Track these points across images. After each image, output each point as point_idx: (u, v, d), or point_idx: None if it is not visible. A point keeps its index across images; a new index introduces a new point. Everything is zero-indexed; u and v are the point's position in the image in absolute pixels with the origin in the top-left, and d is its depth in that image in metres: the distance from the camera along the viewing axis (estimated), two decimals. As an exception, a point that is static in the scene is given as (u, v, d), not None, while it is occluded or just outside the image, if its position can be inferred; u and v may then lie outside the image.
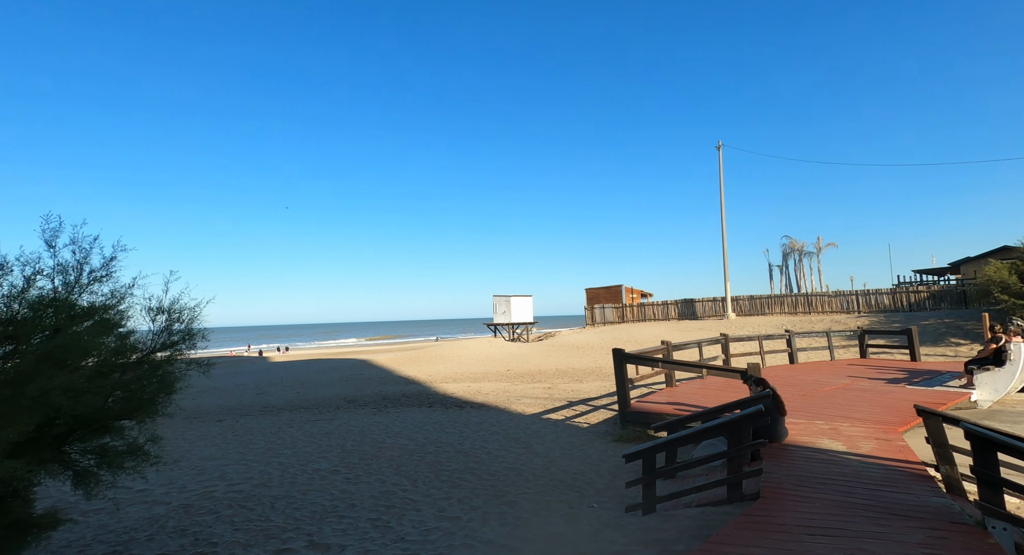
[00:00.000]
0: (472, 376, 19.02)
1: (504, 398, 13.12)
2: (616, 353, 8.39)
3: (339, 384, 17.19)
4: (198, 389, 17.05)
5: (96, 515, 5.12)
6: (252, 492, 5.72)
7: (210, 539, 4.39)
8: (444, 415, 10.64)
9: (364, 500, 5.38)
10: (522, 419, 9.95)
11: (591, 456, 7.02)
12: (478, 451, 7.35)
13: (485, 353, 25.62)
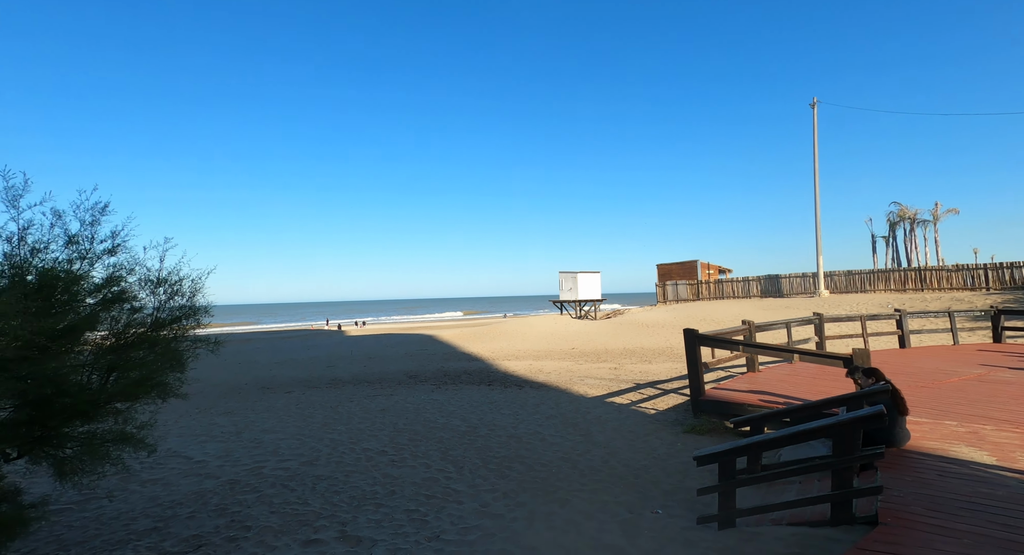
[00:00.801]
0: (535, 354, 18.59)
1: (566, 378, 12.52)
2: (688, 334, 7.44)
3: (404, 359, 17.45)
4: (274, 361, 18.08)
5: (152, 486, 5.20)
6: (298, 470, 5.60)
7: (245, 521, 4.23)
8: (502, 395, 10.25)
9: (405, 487, 5.04)
10: (583, 402, 9.31)
11: (657, 449, 6.25)
12: (531, 437, 6.83)
13: (550, 330, 25.10)
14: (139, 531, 4.09)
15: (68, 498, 4.87)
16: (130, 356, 3.01)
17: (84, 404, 2.42)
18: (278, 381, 13.36)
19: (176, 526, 4.18)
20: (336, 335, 32.34)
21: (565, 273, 42.07)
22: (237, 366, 16.87)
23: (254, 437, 7.11)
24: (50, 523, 4.31)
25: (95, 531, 4.12)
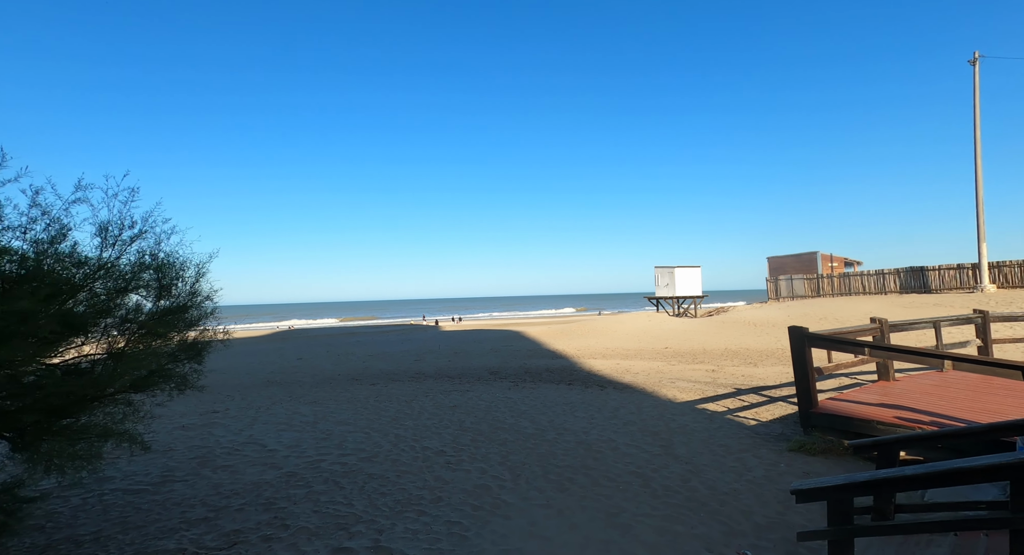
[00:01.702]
0: (623, 353, 17.51)
1: (655, 379, 11.46)
2: (795, 332, 6.20)
3: (488, 355, 17.38)
4: (369, 353, 19.01)
5: (221, 473, 5.37)
6: (355, 466, 5.48)
7: (286, 520, 4.10)
8: (580, 395, 9.57)
9: (454, 494, 4.65)
10: (670, 407, 8.32)
11: (753, 469, 5.22)
12: (602, 445, 6.11)
13: (643, 328, 23.68)
14: (191, 520, 4.15)
15: (148, 479, 5.19)
16: (138, 347, 2.93)
17: (86, 395, 2.34)
18: (367, 373, 13.91)
19: (224, 518, 4.17)
20: (431, 330, 33.60)
21: (661, 268, 39.74)
22: (337, 358, 18.00)
23: (327, 428, 7.23)
24: (124, 503, 4.56)
25: (156, 516, 4.25)
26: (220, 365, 17.42)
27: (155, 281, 3.11)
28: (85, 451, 2.54)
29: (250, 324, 59.63)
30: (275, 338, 29.44)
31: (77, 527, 4.07)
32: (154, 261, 3.11)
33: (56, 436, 2.33)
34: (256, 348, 23.22)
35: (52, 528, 4.05)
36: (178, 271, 3.17)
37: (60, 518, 4.25)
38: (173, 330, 3.15)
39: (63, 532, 3.96)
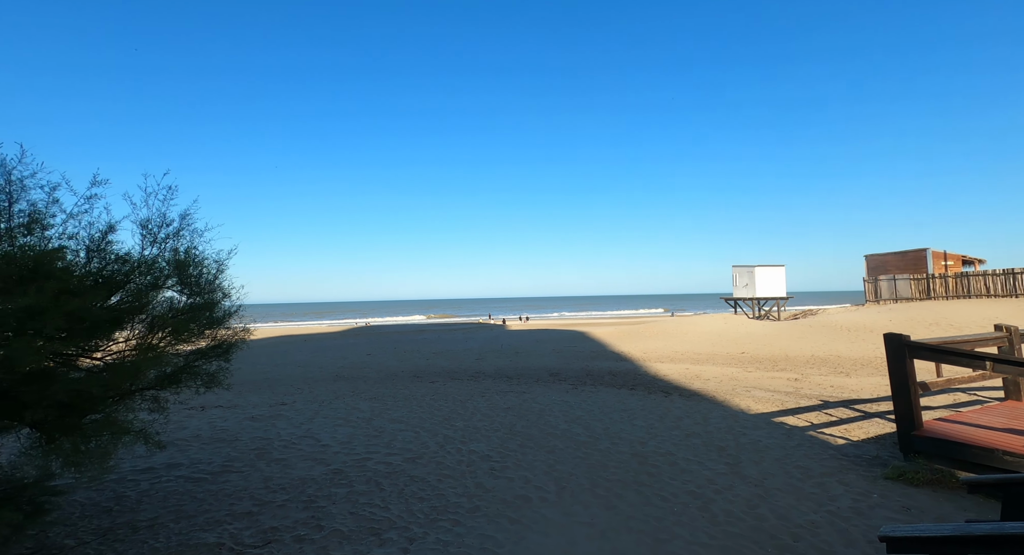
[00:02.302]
0: (694, 357, 16.45)
1: (727, 387, 10.57)
2: (892, 340, 5.31)
3: (550, 355, 17.06)
4: (432, 351, 19.36)
5: (274, 466, 5.52)
6: (398, 466, 5.43)
7: (321, 520, 4.08)
8: (641, 402, 9.00)
9: (492, 504, 4.42)
10: (741, 419, 7.55)
11: (838, 498, 4.50)
12: (660, 458, 5.60)
13: (717, 331, 22.19)
14: (237, 513, 4.25)
15: (210, 468, 5.44)
16: (162, 344, 2.97)
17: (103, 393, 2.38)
18: (428, 371, 14.12)
19: (266, 514, 4.23)
20: (497, 329, 33.82)
21: (739, 267, 37.21)
22: (402, 355, 18.52)
23: (380, 425, 7.30)
24: (184, 491, 4.79)
25: (208, 506, 4.41)
26: (299, 358, 18.56)
27: (190, 278, 3.17)
28: (98, 448, 2.60)
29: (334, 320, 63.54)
30: (350, 334, 31.03)
31: (139, 512, 4.31)
32: (188, 258, 3.17)
33: (71, 432, 2.40)
34: (332, 343, 24.55)
35: (118, 511, 4.32)
36: (208, 269, 3.21)
37: (127, 502, 4.53)
38: (204, 328, 3.19)
39: (125, 516, 4.20)
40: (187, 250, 3.21)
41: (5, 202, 2.29)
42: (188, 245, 3.22)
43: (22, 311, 1.93)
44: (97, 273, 2.91)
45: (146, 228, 3.14)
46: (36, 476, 2.50)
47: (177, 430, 7.14)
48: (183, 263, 3.20)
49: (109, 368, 2.54)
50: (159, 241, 3.18)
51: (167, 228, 3.17)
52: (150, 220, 3.14)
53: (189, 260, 3.22)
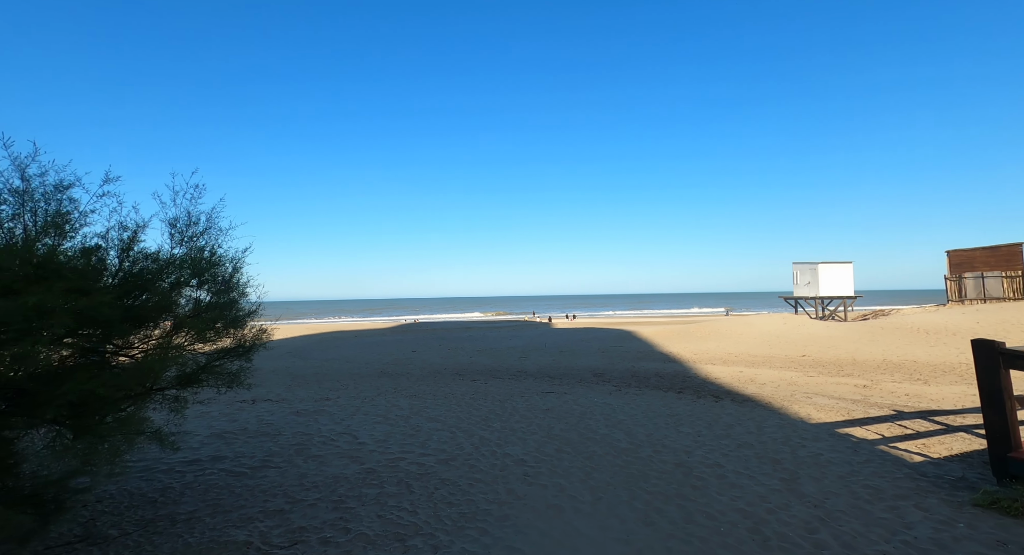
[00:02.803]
0: (749, 359, 15.53)
1: (785, 393, 9.85)
2: (982, 347, 4.64)
3: (595, 355, 16.65)
4: (476, 348, 19.39)
5: (310, 463, 5.57)
6: (430, 469, 5.34)
7: (348, 523, 4.03)
8: (689, 406, 8.51)
9: (523, 513, 4.22)
10: (800, 429, 6.95)
11: (915, 526, 3.96)
12: (706, 470, 5.20)
13: (775, 332, 20.92)
14: (269, 510, 4.28)
15: (251, 462, 5.57)
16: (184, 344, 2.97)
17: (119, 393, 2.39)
18: (471, 369, 14.11)
19: (296, 513, 4.24)
20: (542, 327, 33.56)
21: (801, 264, 35.07)
22: (447, 352, 18.68)
23: (417, 424, 7.28)
24: (224, 485, 4.90)
25: (243, 502, 4.48)
26: (348, 353, 19.13)
27: (214, 277, 3.17)
28: (111, 448, 2.62)
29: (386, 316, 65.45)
30: (398, 330, 31.77)
31: (180, 504, 4.43)
32: (213, 257, 3.18)
33: (86, 432, 2.43)
34: (381, 339, 25.17)
35: (161, 503, 4.46)
36: (229, 268, 3.21)
37: (171, 493, 4.69)
38: (227, 327, 3.19)
39: (167, 509, 4.33)
40: (212, 249, 3.23)
41: (18, 205, 2.35)
42: (213, 243, 3.23)
43: (30, 310, 1.95)
44: (123, 272, 2.95)
45: (174, 227, 3.17)
46: (59, 474, 2.58)
47: (227, 423, 7.42)
48: (209, 262, 3.21)
49: (122, 368, 2.56)
50: (186, 239, 3.20)
51: (194, 227, 3.19)
52: (178, 219, 3.17)
53: (214, 259, 3.23)
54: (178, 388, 3.19)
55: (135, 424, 2.58)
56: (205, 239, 3.24)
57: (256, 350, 3.80)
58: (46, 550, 3.61)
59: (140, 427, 2.73)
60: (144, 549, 3.61)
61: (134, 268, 2.91)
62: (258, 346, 3.76)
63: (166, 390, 3.15)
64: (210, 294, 3.27)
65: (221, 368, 3.30)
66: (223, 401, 9.19)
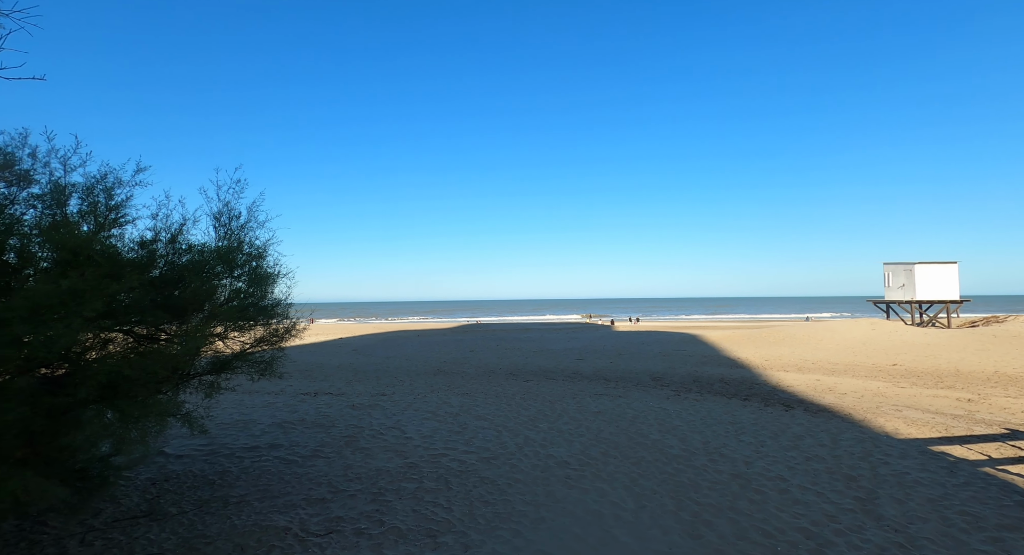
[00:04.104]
0: (828, 367, 14.23)
1: (868, 404, 8.88)
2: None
3: (656, 358, 15.99)
4: (533, 349, 19.27)
5: (357, 455, 5.71)
6: (472, 466, 5.28)
7: (384, 516, 4.05)
8: (754, 415, 7.88)
9: (559, 517, 4.04)
10: (884, 444, 6.20)
11: (1024, 563, 3.34)
12: (767, 484, 4.74)
13: (861, 338, 19.08)
14: (312, 499, 4.40)
15: (303, 452, 5.79)
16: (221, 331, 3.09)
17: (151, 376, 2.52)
18: (525, 369, 14.02)
19: (337, 502, 4.32)
20: (602, 330, 32.85)
21: (894, 265, 31.88)
22: (503, 352, 18.73)
23: (464, 422, 7.28)
24: (275, 471, 5.13)
25: (290, 489, 4.64)
26: (408, 351, 19.72)
27: (251, 270, 3.30)
28: (141, 431, 2.76)
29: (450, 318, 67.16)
30: (458, 331, 32.34)
31: (234, 488, 4.68)
32: (252, 249, 3.31)
33: (121, 412, 2.58)
34: (441, 339, 25.75)
35: (218, 485, 4.73)
36: (266, 261, 3.33)
37: (228, 477, 4.96)
38: (259, 316, 3.31)
39: (222, 491, 4.59)
40: (251, 241, 3.36)
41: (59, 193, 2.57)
42: (252, 236, 3.37)
43: (64, 293, 2.10)
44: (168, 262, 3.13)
45: (218, 220, 3.34)
46: (103, 453, 2.77)
47: (288, 413, 7.82)
48: (248, 255, 3.35)
49: (150, 354, 2.72)
50: (232, 232, 3.36)
51: (236, 220, 3.35)
52: (221, 213, 3.34)
53: (253, 251, 3.37)
54: (212, 374, 3.36)
55: (164, 407, 2.73)
56: (246, 232, 3.40)
57: (287, 340, 3.93)
58: (114, 522, 3.92)
59: (170, 410, 2.89)
60: (196, 528, 3.82)
61: (179, 259, 3.09)
62: (290, 336, 3.88)
63: (202, 376, 3.33)
64: (247, 285, 3.41)
65: (254, 357, 3.44)
66: (289, 393, 9.74)
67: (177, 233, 3.15)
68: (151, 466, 5.23)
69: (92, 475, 2.79)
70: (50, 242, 2.31)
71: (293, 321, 4.00)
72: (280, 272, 3.68)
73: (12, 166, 3.34)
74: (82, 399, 2.25)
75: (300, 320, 4.03)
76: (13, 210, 2.88)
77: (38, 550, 3.44)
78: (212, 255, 3.25)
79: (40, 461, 2.25)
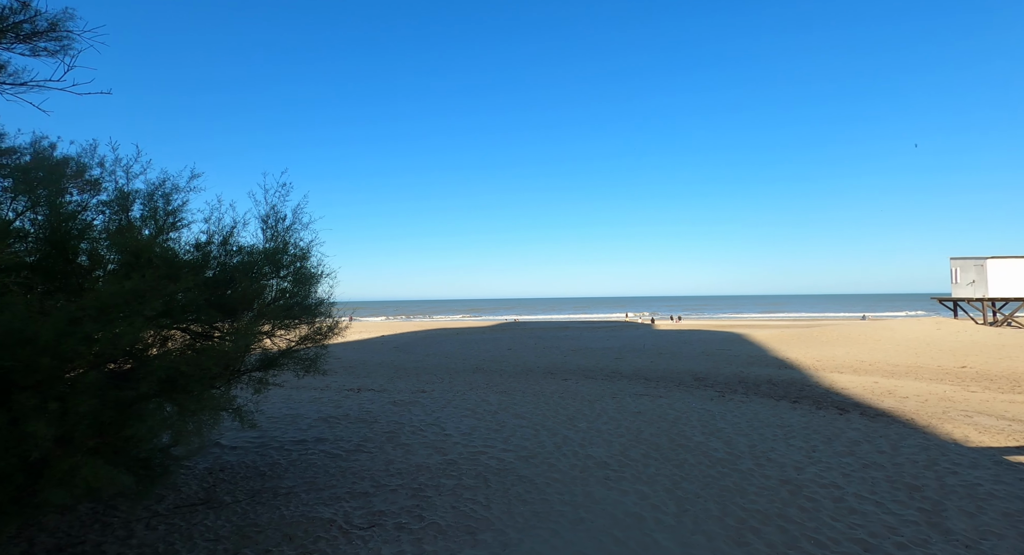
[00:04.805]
0: (888, 368, 13.40)
1: (934, 409, 8.31)
2: None
3: (698, 358, 15.54)
4: (571, 348, 19.12)
5: (399, 450, 5.83)
6: (510, 464, 5.30)
7: (423, 512, 4.11)
8: (805, 418, 7.53)
9: (599, 518, 3.99)
10: (952, 452, 5.78)
11: (1117, 588, 3.03)
12: (820, 492, 4.50)
13: (924, 338, 17.89)
14: (355, 492, 4.53)
15: (347, 446, 5.97)
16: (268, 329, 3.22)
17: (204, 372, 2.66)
18: (563, 368, 13.94)
19: (379, 497, 4.43)
20: (643, 328, 32.25)
21: (962, 260, 29.75)
22: (541, 350, 18.68)
23: (502, 420, 7.31)
24: (321, 465, 5.31)
25: (335, 482, 4.80)
26: (448, 349, 20.00)
27: (297, 270, 3.43)
28: (196, 424, 2.91)
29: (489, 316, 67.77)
30: (496, 329, 32.53)
31: (283, 479, 4.88)
32: (297, 250, 3.44)
33: (179, 406, 2.73)
34: (480, 337, 25.97)
35: (269, 476, 4.95)
36: (311, 261, 3.44)
37: (278, 469, 5.18)
38: (303, 315, 3.43)
39: (272, 482, 4.79)
40: (295, 242, 3.49)
41: (122, 200, 2.75)
42: (296, 238, 3.50)
43: (127, 293, 2.24)
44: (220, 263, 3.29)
45: (265, 223, 3.49)
46: (164, 444, 2.96)
47: (333, 409, 8.09)
48: (294, 256, 3.48)
49: (204, 350, 2.88)
50: (278, 234, 3.50)
51: (282, 223, 3.49)
52: (268, 215, 3.49)
53: (298, 253, 3.50)
54: (261, 370, 3.51)
55: (216, 401, 2.88)
56: (291, 234, 3.53)
57: (330, 338, 4.05)
58: (176, 509, 4.17)
59: (223, 405, 3.04)
60: (248, 517, 4.01)
61: (231, 260, 3.25)
62: (333, 334, 4.00)
63: (252, 372, 3.49)
64: (292, 285, 3.55)
65: (300, 354, 3.57)
66: (333, 389, 10.08)
67: (228, 235, 3.32)
68: (208, 457, 5.53)
69: (154, 464, 2.98)
70: (116, 245, 2.49)
71: (336, 320, 4.12)
72: (323, 272, 3.82)
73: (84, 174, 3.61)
74: (144, 393, 2.41)
75: (341, 318, 4.15)
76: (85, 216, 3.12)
77: (109, 532, 3.70)
78: (260, 256, 3.40)
79: (109, 450, 2.43)
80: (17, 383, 2.20)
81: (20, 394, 2.16)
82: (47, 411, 2.11)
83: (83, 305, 2.18)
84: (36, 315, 2.21)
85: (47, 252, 2.76)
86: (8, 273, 2.19)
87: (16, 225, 2.90)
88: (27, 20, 3.52)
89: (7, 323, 2.10)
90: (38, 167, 3.14)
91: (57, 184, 2.99)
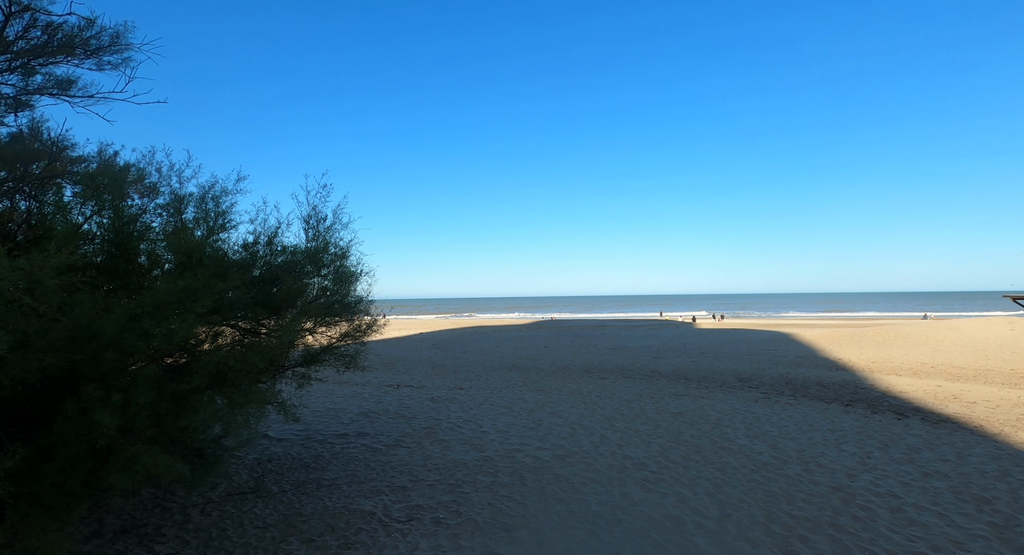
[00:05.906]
0: (951, 371, 12.52)
1: (1006, 416, 7.71)
2: None
3: (742, 358, 15.00)
4: (609, 346, 18.86)
5: (436, 446, 5.92)
6: (546, 463, 5.28)
7: (461, 507, 4.16)
8: (859, 422, 7.14)
9: (636, 520, 3.91)
10: None
11: None
12: (875, 501, 4.25)
13: (994, 339, 16.61)
14: (394, 486, 4.63)
15: (387, 441, 6.11)
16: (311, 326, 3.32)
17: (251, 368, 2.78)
18: (601, 367, 13.76)
19: (416, 491, 4.51)
20: (683, 327, 31.44)
21: (1037, 252, 27.31)
22: (578, 349, 18.53)
23: (539, 418, 7.30)
24: (362, 458, 5.46)
25: (375, 475, 4.93)
26: (485, 347, 20.14)
27: (338, 269, 3.53)
28: (245, 415, 3.04)
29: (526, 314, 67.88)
30: (533, 327, 32.49)
31: (327, 471, 5.05)
32: (337, 250, 3.54)
33: (228, 399, 2.86)
34: (517, 335, 26.02)
35: (313, 468, 5.13)
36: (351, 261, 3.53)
37: (321, 461, 5.37)
38: (343, 312, 3.52)
39: (316, 474, 4.97)
40: (336, 242, 3.60)
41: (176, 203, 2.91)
42: (337, 237, 3.60)
43: (180, 292, 2.38)
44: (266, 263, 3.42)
45: (307, 223, 3.61)
46: (216, 435, 3.11)
47: (373, 404, 8.30)
48: (334, 255, 3.58)
49: (251, 346, 3.00)
50: (319, 234, 3.62)
51: (323, 223, 3.60)
52: (310, 216, 3.60)
53: (338, 252, 3.60)
54: (304, 366, 3.64)
55: (262, 395, 3.01)
56: (331, 234, 3.64)
57: (369, 335, 4.15)
58: (228, 496, 4.39)
59: (268, 398, 3.17)
60: (294, 507, 4.17)
61: (275, 260, 3.39)
62: (372, 331, 4.10)
63: (295, 368, 3.62)
64: (332, 283, 3.66)
65: (340, 350, 3.68)
66: (374, 385, 10.34)
67: (273, 235, 3.46)
68: (256, 448, 5.79)
69: (207, 454, 3.15)
70: (171, 246, 2.64)
71: (374, 317, 4.23)
72: (362, 271, 3.92)
73: (143, 180, 3.84)
74: (196, 386, 2.54)
75: (378, 315, 4.25)
76: (145, 219, 3.33)
77: (168, 516, 3.93)
78: (302, 256, 3.53)
79: (165, 440, 2.59)
80: (85, 375, 2.38)
81: (88, 385, 2.33)
82: (111, 402, 2.26)
83: (142, 302, 2.34)
84: (101, 312, 2.37)
85: (111, 253, 2.97)
86: (77, 273, 2.36)
87: (84, 228, 3.13)
88: (93, 36, 3.77)
89: (77, 320, 2.27)
90: (103, 174, 3.37)
91: (120, 190, 3.20)
